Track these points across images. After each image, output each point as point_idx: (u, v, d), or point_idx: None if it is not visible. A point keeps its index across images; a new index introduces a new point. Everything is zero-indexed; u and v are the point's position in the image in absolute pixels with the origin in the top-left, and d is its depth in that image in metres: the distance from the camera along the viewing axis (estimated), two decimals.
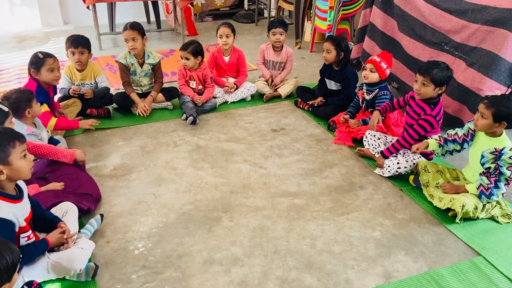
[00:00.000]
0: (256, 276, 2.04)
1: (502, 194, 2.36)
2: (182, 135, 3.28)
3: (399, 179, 2.79)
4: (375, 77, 3.13)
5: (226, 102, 3.82)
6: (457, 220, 2.38)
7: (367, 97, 3.23)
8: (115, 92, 3.61)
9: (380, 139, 3.02)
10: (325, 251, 2.20)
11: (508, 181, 2.33)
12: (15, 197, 1.80)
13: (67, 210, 2.18)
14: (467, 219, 2.42)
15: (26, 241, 1.85)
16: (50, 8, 5.82)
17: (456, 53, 3.13)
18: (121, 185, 2.69)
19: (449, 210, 2.45)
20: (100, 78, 3.45)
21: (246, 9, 6.65)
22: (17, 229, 1.78)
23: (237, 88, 3.86)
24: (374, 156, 2.97)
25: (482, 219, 2.43)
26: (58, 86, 3.24)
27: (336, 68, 3.54)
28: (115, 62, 3.55)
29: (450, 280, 2.04)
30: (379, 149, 2.97)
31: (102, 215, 2.35)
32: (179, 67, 3.69)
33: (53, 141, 2.73)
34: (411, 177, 2.74)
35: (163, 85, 3.67)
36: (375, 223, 2.41)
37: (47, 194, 2.27)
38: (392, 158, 2.81)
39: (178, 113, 3.60)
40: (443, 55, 3.21)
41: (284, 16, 6.33)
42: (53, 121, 2.89)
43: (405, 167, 2.75)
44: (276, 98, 3.94)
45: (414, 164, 2.75)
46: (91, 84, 3.43)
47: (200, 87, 3.68)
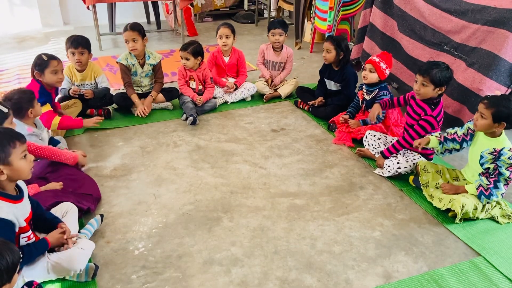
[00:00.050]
0: (256, 277, 2.04)
1: (502, 194, 2.36)
2: (182, 136, 3.28)
3: (399, 179, 2.79)
4: (374, 77, 3.13)
5: (226, 103, 3.83)
6: (457, 220, 2.38)
7: (367, 97, 3.23)
8: (115, 93, 3.61)
9: (380, 139, 3.02)
10: (325, 251, 2.20)
11: (508, 181, 2.33)
12: (15, 197, 1.80)
13: (67, 211, 2.18)
14: (467, 219, 2.42)
15: (26, 241, 1.85)
16: (50, 8, 5.82)
17: (456, 53, 3.13)
18: (121, 185, 2.69)
19: (449, 210, 2.45)
20: (100, 79, 3.45)
21: (246, 9, 6.65)
22: (17, 229, 1.78)
23: (236, 88, 3.86)
24: (374, 156, 2.97)
25: (482, 219, 2.43)
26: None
27: (335, 68, 3.54)
28: (116, 63, 3.55)
29: (450, 281, 2.04)
30: (379, 149, 2.97)
31: (102, 215, 2.35)
32: (179, 68, 3.69)
33: (53, 141, 2.73)
34: (411, 177, 2.75)
35: (163, 86, 3.68)
36: (375, 223, 2.41)
37: (46, 194, 2.27)
38: (392, 158, 2.81)
39: (178, 114, 3.60)
40: (443, 55, 3.22)
41: (284, 16, 6.33)
42: (57, 119, 2.89)
43: (405, 167, 2.75)
44: (276, 98, 3.94)
45: (414, 164, 2.75)
46: (91, 84, 3.44)
47: (200, 87, 3.68)
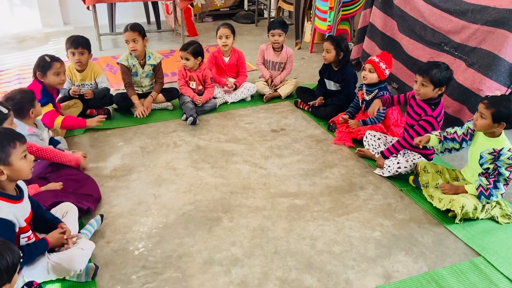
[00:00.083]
0: (256, 277, 2.04)
1: (501, 194, 2.37)
2: (182, 136, 3.28)
3: (399, 180, 2.79)
4: (374, 77, 3.13)
5: (226, 103, 3.82)
6: (457, 220, 2.38)
7: (367, 97, 3.23)
8: (115, 93, 3.61)
9: (380, 139, 3.02)
10: (325, 251, 2.20)
11: (507, 182, 2.33)
12: (15, 198, 1.80)
13: (67, 211, 2.18)
14: (467, 219, 2.42)
15: (26, 241, 1.85)
16: (50, 8, 5.82)
17: (456, 53, 3.13)
18: (121, 185, 2.69)
19: (449, 210, 2.45)
20: (100, 79, 3.45)
21: (246, 9, 6.65)
22: (17, 229, 1.78)
23: (236, 88, 3.86)
24: (374, 157, 2.97)
25: (482, 219, 2.43)
26: None
27: (335, 69, 3.54)
28: (117, 64, 3.55)
29: (450, 281, 2.04)
30: (379, 150, 2.97)
31: (102, 216, 2.35)
32: (179, 68, 3.69)
33: (53, 141, 2.73)
34: (411, 177, 2.74)
35: (163, 86, 3.68)
36: (375, 223, 2.41)
37: (46, 194, 2.28)
38: (392, 158, 2.81)
39: (178, 114, 3.60)
40: (443, 55, 3.22)
41: (284, 16, 6.33)
42: (60, 118, 2.90)
43: (405, 167, 2.75)
44: (276, 98, 3.94)
45: (414, 164, 2.75)
46: (91, 84, 3.43)
47: (200, 87, 3.68)
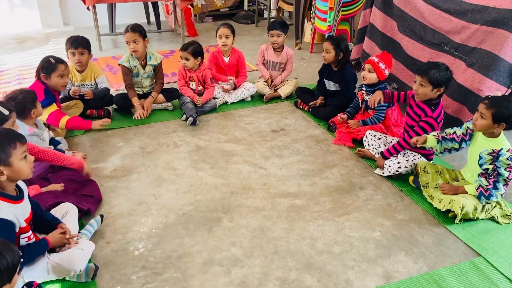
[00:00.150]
0: (256, 277, 2.04)
1: (501, 194, 2.37)
2: (182, 136, 3.28)
3: (399, 180, 2.79)
4: (373, 77, 3.13)
5: (226, 103, 3.83)
6: (457, 221, 2.38)
7: (367, 98, 3.23)
8: (115, 93, 3.61)
9: (380, 139, 3.02)
10: (325, 251, 2.20)
11: (507, 182, 2.33)
12: (15, 198, 1.80)
13: (67, 211, 2.18)
14: (467, 219, 2.42)
15: (26, 241, 1.85)
16: (50, 9, 5.82)
17: (456, 53, 3.13)
18: (121, 185, 2.69)
19: (449, 211, 2.45)
20: (100, 79, 3.45)
21: (246, 10, 6.65)
22: (17, 229, 1.78)
23: (235, 88, 3.87)
24: (374, 157, 2.97)
25: (482, 219, 2.43)
26: None
27: (335, 69, 3.54)
28: (118, 65, 3.55)
29: (450, 281, 2.04)
30: (379, 150, 2.97)
31: (102, 216, 2.35)
32: (179, 68, 3.69)
33: (54, 142, 2.74)
34: (411, 177, 2.74)
35: (164, 86, 3.68)
36: (375, 223, 2.41)
37: (47, 195, 2.27)
38: (393, 158, 2.80)
39: (178, 114, 3.60)
40: (443, 55, 3.22)
41: (284, 17, 6.33)
42: (65, 119, 2.91)
43: (406, 167, 2.75)
44: (276, 98, 3.94)
45: (414, 164, 2.75)
46: (91, 85, 3.44)
47: (200, 88, 3.68)
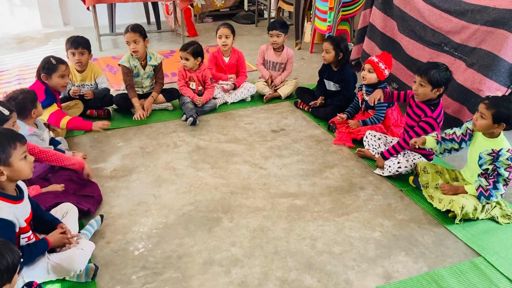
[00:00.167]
0: (256, 277, 2.04)
1: (501, 195, 2.37)
2: (182, 136, 3.28)
3: (399, 180, 2.79)
4: (373, 77, 3.13)
5: (226, 103, 3.83)
6: (457, 221, 2.38)
7: (367, 98, 3.22)
8: (115, 93, 3.61)
9: (381, 139, 3.02)
10: (325, 251, 2.20)
11: (507, 182, 2.33)
12: (15, 198, 1.80)
13: (67, 211, 2.18)
14: (467, 219, 2.42)
15: (26, 241, 1.85)
16: (50, 9, 5.83)
17: (456, 53, 3.13)
18: (121, 186, 2.69)
19: (449, 211, 2.45)
20: (100, 79, 3.45)
21: (246, 10, 6.65)
22: (17, 229, 1.78)
23: (235, 88, 3.87)
24: (374, 157, 2.97)
25: (482, 219, 2.43)
26: None
27: (335, 69, 3.54)
28: (118, 65, 3.54)
29: (450, 281, 2.04)
30: (379, 150, 2.97)
31: (102, 216, 2.35)
32: (178, 68, 3.69)
33: (54, 142, 2.74)
34: (411, 177, 2.74)
35: (164, 86, 3.68)
36: (375, 223, 2.41)
37: (47, 195, 2.27)
38: (393, 158, 2.80)
39: (178, 114, 3.60)
40: (443, 55, 3.22)
41: (284, 17, 6.33)
42: (66, 119, 2.90)
43: (406, 167, 2.75)
44: (276, 99, 3.94)
45: (415, 164, 2.75)
46: (91, 85, 3.44)
47: (200, 88, 3.68)
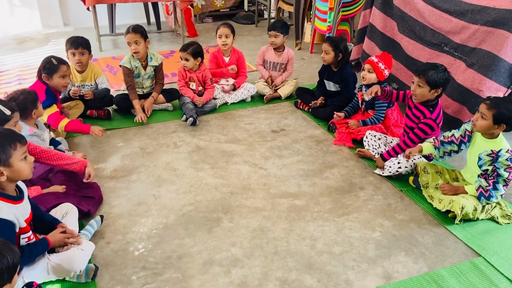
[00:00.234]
0: (256, 277, 2.04)
1: (501, 195, 2.37)
2: (182, 136, 3.28)
3: (399, 180, 2.79)
4: (373, 77, 3.12)
5: (226, 103, 3.83)
6: (457, 221, 2.38)
7: (366, 98, 3.22)
8: (115, 94, 3.61)
9: (381, 139, 3.02)
10: (325, 252, 2.20)
11: (507, 182, 2.33)
12: (15, 198, 1.80)
13: (67, 211, 2.18)
14: (467, 220, 2.42)
15: (26, 242, 1.85)
16: (50, 9, 5.83)
17: (456, 54, 3.13)
18: (121, 186, 2.69)
19: (449, 211, 2.45)
20: (100, 80, 3.45)
21: (246, 10, 6.66)
22: (17, 230, 1.78)
23: (235, 88, 3.87)
24: (374, 157, 2.97)
25: (482, 220, 2.43)
26: None
27: (334, 69, 3.54)
28: (119, 66, 3.54)
29: (450, 281, 2.04)
30: (379, 150, 2.97)
31: (102, 216, 2.35)
32: (178, 68, 3.69)
33: (54, 142, 2.73)
34: (411, 178, 2.74)
35: (164, 86, 3.68)
36: (375, 224, 2.41)
37: (48, 196, 2.27)
38: (392, 158, 2.80)
39: (178, 114, 3.61)
40: (443, 56, 3.22)
41: (284, 17, 6.33)
42: (65, 122, 2.90)
43: (406, 167, 2.75)
44: (276, 99, 3.94)
45: (415, 164, 2.75)
46: (91, 85, 3.44)
47: (200, 88, 3.68)
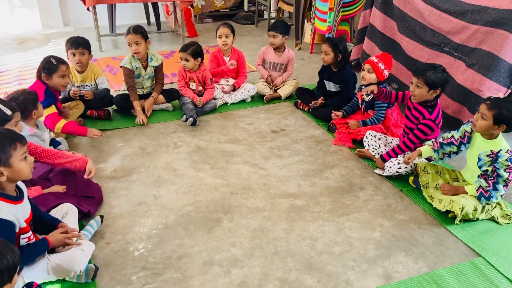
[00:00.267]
0: (256, 277, 2.04)
1: (501, 195, 2.37)
2: (182, 136, 3.29)
3: (399, 180, 2.79)
4: (372, 77, 3.12)
5: (226, 103, 3.83)
6: (457, 221, 2.38)
7: (366, 98, 3.22)
8: (115, 94, 3.61)
9: (381, 139, 3.02)
10: (325, 252, 2.20)
11: (507, 183, 2.33)
12: (15, 198, 1.80)
13: (67, 212, 2.18)
14: (467, 220, 2.42)
15: (26, 242, 1.85)
16: (50, 9, 5.83)
17: (456, 54, 3.13)
18: (121, 186, 2.69)
19: (449, 211, 2.45)
20: (100, 80, 3.45)
21: (246, 10, 6.66)
22: (17, 230, 1.78)
23: (235, 89, 3.87)
24: (374, 157, 2.97)
25: (482, 220, 2.43)
26: None
27: (334, 70, 3.54)
28: (120, 67, 3.54)
29: (450, 281, 2.04)
30: (379, 150, 2.97)
31: (102, 217, 2.35)
32: (178, 69, 3.69)
33: (54, 142, 2.74)
34: (411, 178, 2.74)
35: (164, 87, 3.68)
36: (375, 224, 2.41)
37: (48, 196, 2.27)
38: (392, 158, 2.80)
39: (178, 114, 3.61)
40: (442, 56, 3.22)
41: (284, 17, 6.33)
42: (61, 123, 2.89)
43: (406, 167, 2.74)
44: (276, 99, 3.94)
45: (415, 164, 2.75)
46: (91, 85, 3.44)
47: (200, 88, 3.68)
